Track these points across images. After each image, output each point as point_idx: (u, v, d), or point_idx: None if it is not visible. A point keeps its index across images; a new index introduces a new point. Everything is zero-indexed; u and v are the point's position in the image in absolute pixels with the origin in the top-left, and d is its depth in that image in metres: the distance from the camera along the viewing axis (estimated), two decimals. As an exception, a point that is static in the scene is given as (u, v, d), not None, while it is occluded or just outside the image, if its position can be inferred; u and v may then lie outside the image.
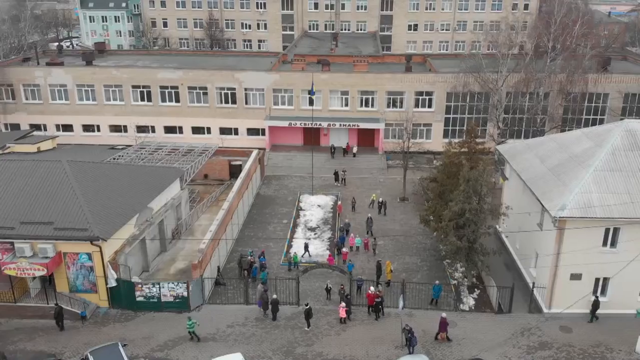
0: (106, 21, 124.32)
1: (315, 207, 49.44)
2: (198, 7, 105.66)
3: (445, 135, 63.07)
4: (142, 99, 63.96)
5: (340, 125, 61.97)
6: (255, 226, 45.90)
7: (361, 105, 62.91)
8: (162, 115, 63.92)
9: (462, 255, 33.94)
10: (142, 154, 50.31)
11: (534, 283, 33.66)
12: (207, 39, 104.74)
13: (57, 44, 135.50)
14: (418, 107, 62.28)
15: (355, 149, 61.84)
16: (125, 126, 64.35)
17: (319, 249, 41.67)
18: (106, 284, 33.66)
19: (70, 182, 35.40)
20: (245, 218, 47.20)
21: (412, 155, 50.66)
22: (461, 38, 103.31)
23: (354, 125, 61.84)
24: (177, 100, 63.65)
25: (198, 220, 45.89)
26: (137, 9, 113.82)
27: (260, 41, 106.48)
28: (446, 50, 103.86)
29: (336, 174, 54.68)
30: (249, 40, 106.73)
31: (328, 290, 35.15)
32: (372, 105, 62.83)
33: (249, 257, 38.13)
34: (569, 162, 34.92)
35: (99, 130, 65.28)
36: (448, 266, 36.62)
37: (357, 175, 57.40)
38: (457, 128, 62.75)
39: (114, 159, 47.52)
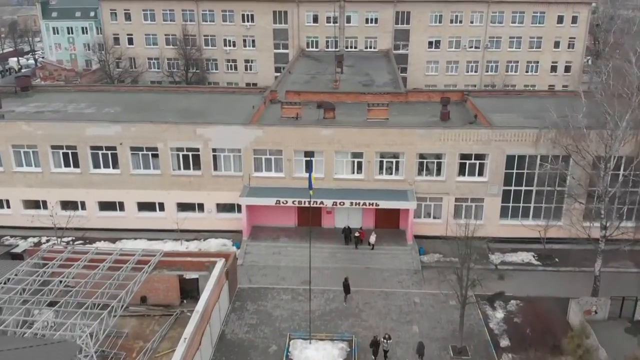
0: (72, 33, 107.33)
1: (315, 370, 30.13)
2: (171, 21, 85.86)
3: (504, 214, 43.73)
4: (67, 164, 44.53)
5: (352, 204, 42.59)
6: None
7: (381, 172, 43.68)
8: (95, 187, 44.54)
9: None
10: (40, 275, 31.15)
11: None
12: (181, 59, 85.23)
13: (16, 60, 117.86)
14: (464, 174, 43.07)
15: (373, 239, 42.35)
16: (44, 201, 45.20)
17: None
18: None
19: None
20: (196, 405, 27.92)
21: (454, 239, 31.27)
22: (494, 57, 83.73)
23: (371, 205, 42.53)
24: (116, 166, 44.31)
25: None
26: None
27: (247, 61, 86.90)
28: (475, 72, 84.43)
29: (376, 343, 30.97)
30: (234, 60, 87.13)
31: None
32: (397, 172, 43.60)
33: None
34: None
35: (8, 206, 45.96)
36: None
37: (377, 286, 38.18)
38: (521, 205, 43.53)
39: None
